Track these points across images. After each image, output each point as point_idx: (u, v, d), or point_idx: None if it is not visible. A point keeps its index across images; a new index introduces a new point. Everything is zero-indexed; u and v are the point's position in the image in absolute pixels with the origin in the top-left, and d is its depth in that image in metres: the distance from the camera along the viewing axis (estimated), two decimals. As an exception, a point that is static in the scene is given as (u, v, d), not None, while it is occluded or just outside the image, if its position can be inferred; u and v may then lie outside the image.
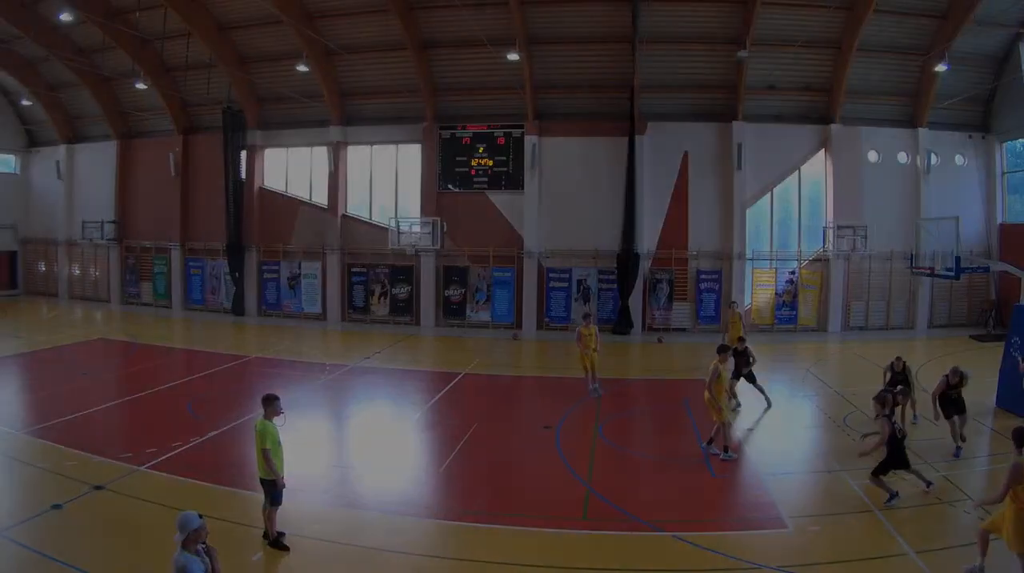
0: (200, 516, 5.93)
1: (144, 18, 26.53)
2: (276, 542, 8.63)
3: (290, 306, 29.25)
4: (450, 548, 8.92)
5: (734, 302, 22.90)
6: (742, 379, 15.38)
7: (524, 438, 13.85)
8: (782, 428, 14.42)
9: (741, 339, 16.06)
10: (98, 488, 10.25)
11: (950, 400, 12.32)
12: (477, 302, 27.16)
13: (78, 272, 34.45)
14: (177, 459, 11.74)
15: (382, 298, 28.03)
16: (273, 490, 8.64)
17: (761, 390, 15.45)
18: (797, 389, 17.51)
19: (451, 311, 27.36)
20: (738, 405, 15.44)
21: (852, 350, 22.76)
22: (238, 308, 29.47)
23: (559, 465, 11.95)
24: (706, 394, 12.30)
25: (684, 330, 25.99)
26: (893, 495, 9.87)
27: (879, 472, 10.05)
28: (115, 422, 14.54)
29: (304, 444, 13.27)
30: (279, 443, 8.75)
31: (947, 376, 12.42)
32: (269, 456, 8.57)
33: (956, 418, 12.25)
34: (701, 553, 8.56)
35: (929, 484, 10.25)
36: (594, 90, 26.19)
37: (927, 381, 17.63)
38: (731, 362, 13.79)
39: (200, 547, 5.90)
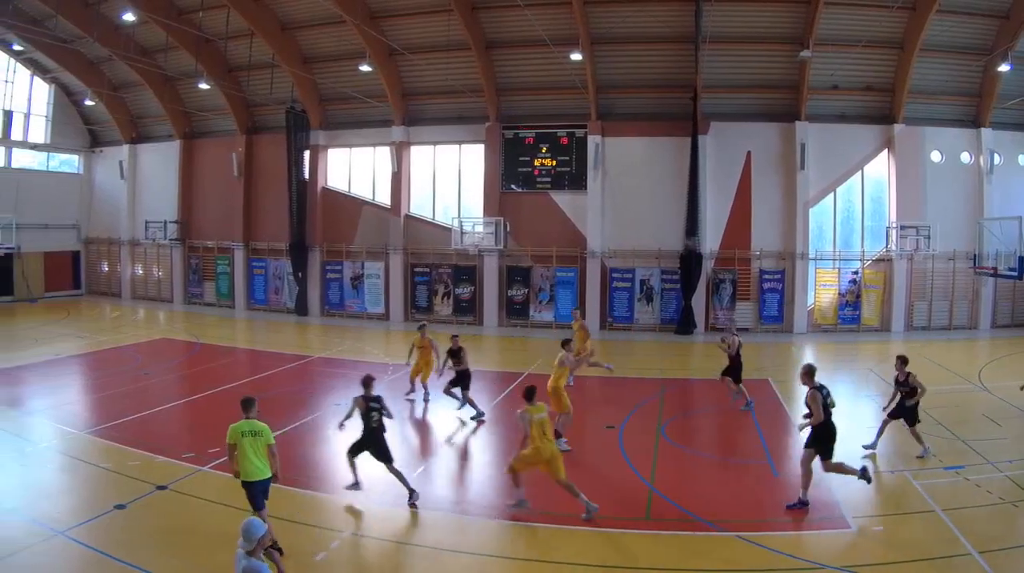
0: (264, 521, 5.99)
1: (207, 18, 26.75)
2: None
3: (353, 306, 29.52)
4: (514, 548, 8.99)
5: (577, 309, 22.69)
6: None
7: (587, 438, 13.87)
8: (845, 428, 14.24)
9: (456, 338, 15.56)
10: (161, 488, 10.28)
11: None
12: (540, 302, 27.34)
13: (141, 272, 34.78)
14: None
15: (445, 298, 28.25)
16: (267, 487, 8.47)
17: (453, 396, 15.07)
18: (860, 389, 17.57)
19: (514, 311, 27.55)
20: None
21: (915, 350, 22.48)
22: (301, 308, 29.73)
23: (622, 465, 11.98)
24: (562, 383, 12.63)
25: (747, 330, 25.98)
26: (412, 492, 9.85)
27: (351, 452, 10.00)
28: (178, 422, 14.61)
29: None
30: None
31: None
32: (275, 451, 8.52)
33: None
34: (764, 553, 8.56)
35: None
36: (657, 90, 26.26)
37: (990, 380, 17.75)
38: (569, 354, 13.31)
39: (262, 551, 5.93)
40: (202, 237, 32.78)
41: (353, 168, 30.12)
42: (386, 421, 10.21)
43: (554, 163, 27.27)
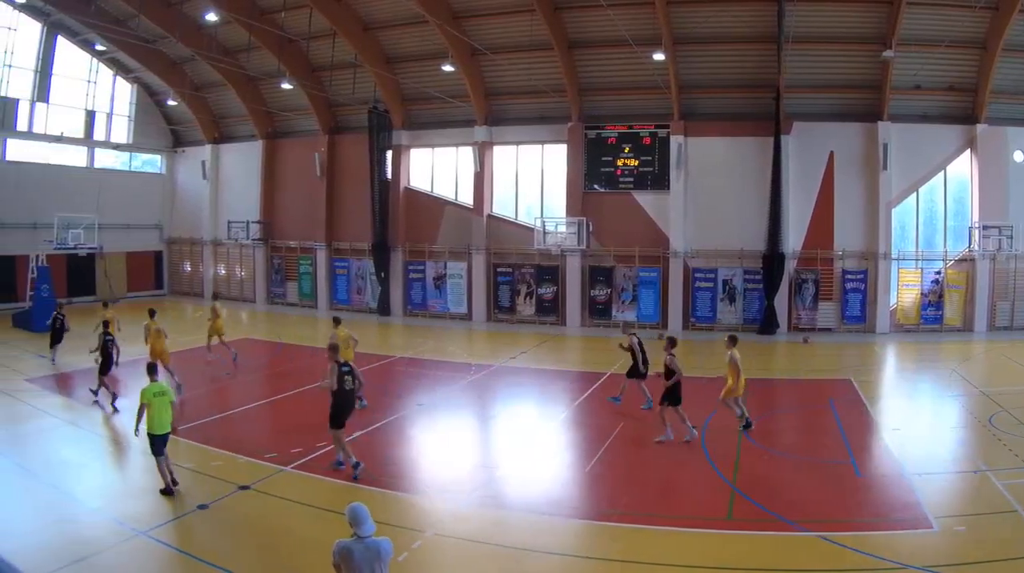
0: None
1: (289, 18, 26.99)
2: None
3: (436, 306, 29.90)
4: (595, 548, 9.04)
5: (216, 295, 24.21)
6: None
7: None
8: (928, 428, 14.45)
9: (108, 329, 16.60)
10: (243, 488, 10.36)
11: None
12: (623, 302, 27.60)
13: (223, 272, 35.26)
14: (323, 459, 11.83)
15: (528, 298, 28.58)
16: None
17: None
18: (943, 389, 17.59)
19: (597, 311, 27.83)
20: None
21: (998, 350, 22.81)
22: (384, 308, 30.07)
23: (704, 465, 12.09)
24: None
25: (830, 330, 26.28)
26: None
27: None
28: (260, 422, 14.72)
29: (450, 444, 13.65)
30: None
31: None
32: None
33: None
34: (846, 553, 8.58)
35: (354, 465, 11.03)
36: (739, 90, 26.31)
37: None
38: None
39: None
40: (284, 237, 33.21)
41: (436, 168, 30.47)
42: None
43: (636, 163, 27.45)
